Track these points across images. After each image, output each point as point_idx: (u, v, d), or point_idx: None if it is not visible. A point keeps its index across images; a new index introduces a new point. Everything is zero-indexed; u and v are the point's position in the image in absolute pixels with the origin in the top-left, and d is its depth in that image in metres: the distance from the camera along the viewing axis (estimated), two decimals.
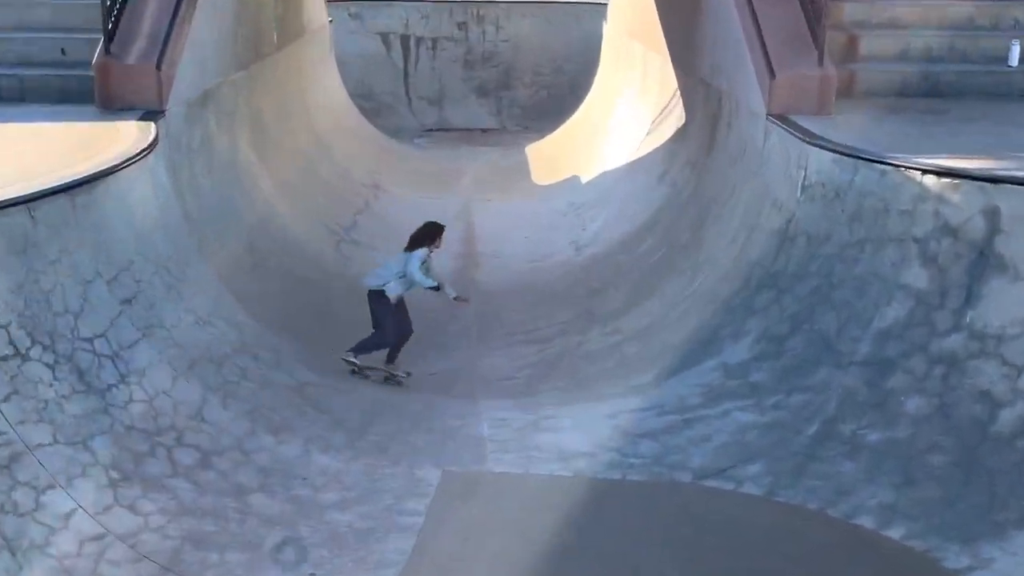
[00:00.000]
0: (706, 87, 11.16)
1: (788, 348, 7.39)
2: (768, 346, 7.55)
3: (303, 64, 15.32)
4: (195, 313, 7.73)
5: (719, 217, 9.71)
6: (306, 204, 12.24)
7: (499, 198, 15.45)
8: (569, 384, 8.62)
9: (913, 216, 6.94)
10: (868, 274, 7.11)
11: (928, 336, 6.66)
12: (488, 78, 23.09)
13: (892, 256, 7.00)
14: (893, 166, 7.18)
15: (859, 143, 7.76)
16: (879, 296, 6.97)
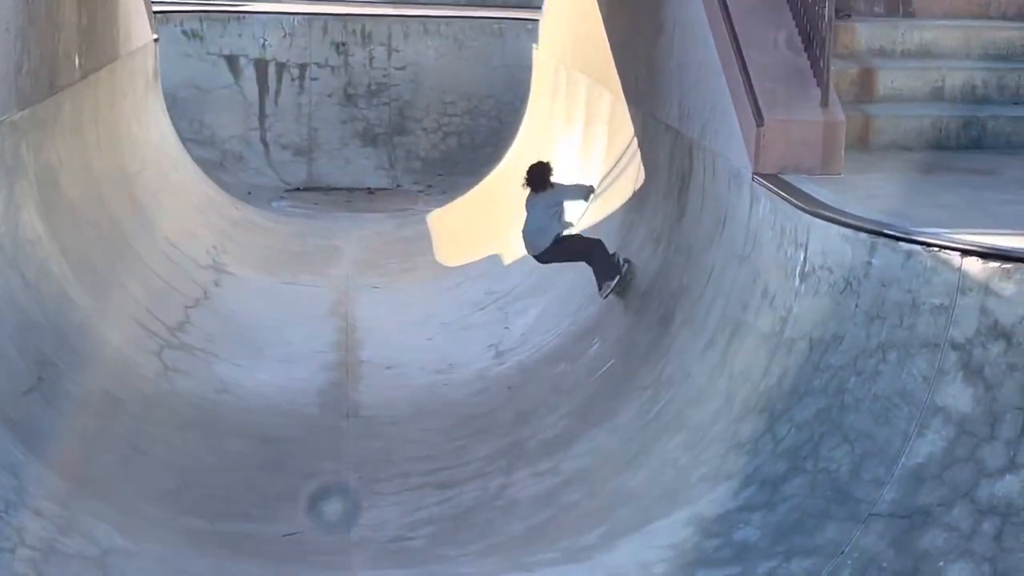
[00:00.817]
0: (673, 136, 11.38)
1: (786, 495, 7.43)
2: (758, 492, 7.58)
3: (116, 99, 15.31)
4: None
5: (691, 314, 9.81)
6: (116, 295, 12.12)
7: (391, 284, 15.49)
8: (486, 547, 8.56)
9: (951, 314, 7.08)
10: (893, 392, 7.21)
11: (975, 478, 6.75)
12: (377, 119, 23.28)
13: (924, 368, 7.12)
14: (924, 245, 7.34)
15: (877, 213, 7.94)
16: (908, 423, 7.06)
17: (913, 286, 7.28)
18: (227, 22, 23.39)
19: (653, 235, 11.69)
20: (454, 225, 18.21)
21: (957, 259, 7.12)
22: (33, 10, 11.34)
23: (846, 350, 7.58)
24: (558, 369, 11.51)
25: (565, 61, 17.30)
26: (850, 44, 10.72)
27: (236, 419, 10.98)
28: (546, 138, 17.90)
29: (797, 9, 9.68)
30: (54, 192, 11.75)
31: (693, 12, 10.64)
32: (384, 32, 23.64)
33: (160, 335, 12.10)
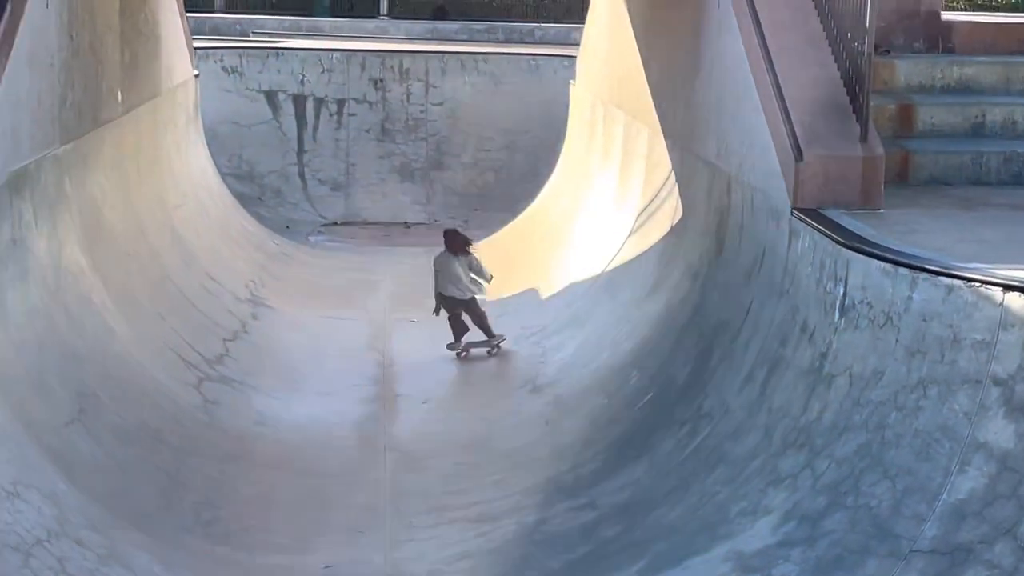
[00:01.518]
0: (711, 171, 11.40)
1: (825, 531, 7.40)
2: (798, 528, 7.55)
3: (158, 133, 15.46)
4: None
5: (729, 349, 9.80)
6: (156, 328, 12.20)
7: (427, 319, 15.51)
8: None
9: (993, 349, 7.05)
10: (934, 428, 7.18)
11: (1017, 515, 6.71)
12: (414, 155, 23.42)
13: (965, 404, 7.09)
14: (965, 280, 7.31)
15: (918, 248, 7.93)
16: (949, 459, 7.03)
17: (954, 321, 7.25)
18: (266, 58, 23.61)
19: (691, 270, 11.69)
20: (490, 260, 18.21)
21: (999, 294, 7.09)
22: (77, 45, 11.49)
23: (887, 385, 7.56)
24: (596, 403, 11.51)
25: (602, 97, 17.36)
26: (889, 80, 10.75)
27: (274, 452, 11.00)
28: (583, 174, 17.96)
29: (836, 45, 9.70)
30: (96, 225, 11.86)
31: (731, 48, 10.68)
32: (421, 68, 23.81)
33: (199, 368, 12.16)
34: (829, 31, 9.86)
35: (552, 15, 37.55)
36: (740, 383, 9.26)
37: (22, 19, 9.72)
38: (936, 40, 11.63)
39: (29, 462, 8.20)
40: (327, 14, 37.57)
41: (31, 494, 7.87)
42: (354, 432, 11.74)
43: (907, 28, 11.58)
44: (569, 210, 17.69)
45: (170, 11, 16.71)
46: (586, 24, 19.37)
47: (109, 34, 12.82)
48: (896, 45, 11.46)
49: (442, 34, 32.48)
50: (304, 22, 34.26)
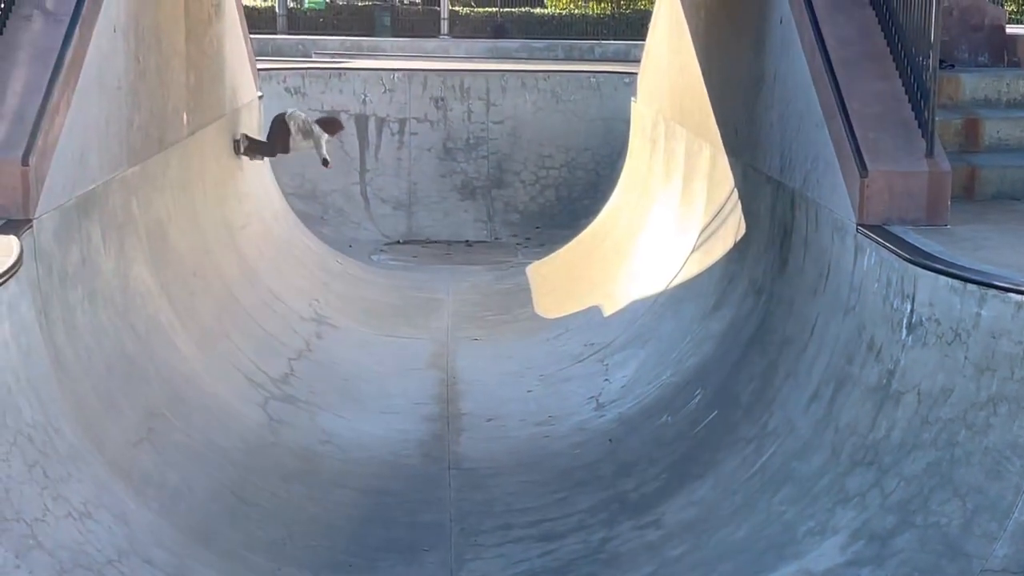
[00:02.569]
0: (774, 187, 11.36)
1: (895, 550, 7.34)
2: (867, 547, 7.50)
3: (222, 154, 15.60)
4: (68, 502, 7.68)
5: (794, 366, 9.75)
6: (222, 347, 12.29)
7: (490, 337, 15.55)
8: None
9: None
10: (1004, 446, 7.11)
11: None
12: (475, 173, 23.48)
13: None
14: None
15: (986, 264, 7.87)
16: (1021, 477, 6.95)
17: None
18: (328, 78, 23.76)
19: (755, 286, 11.65)
20: (553, 277, 18.26)
21: None
22: (144, 69, 11.62)
23: (956, 403, 7.49)
24: (660, 421, 11.48)
25: (663, 113, 17.34)
26: (954, 95, 10.68)
27: (338, 470, 11.05)
28: (645, 190, 17.94)
29: (900, 60, 9.65)
30: (163, 246, 11.98)
31: (794, 63, 10.65)
32: (482, 86, 23.87)
33: (265, 387, 12.23)
34: (893, 46, 9.81)
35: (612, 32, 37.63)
36: (806, 401, 9.21)
37: (90, 43, 9.86)
38: (1001, 54, 11.55)
39: (100, 482, 8.29)
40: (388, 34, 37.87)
41: (101, 514, 7.96)
42: (418, 450, 11.76)
43: (971, 41, 11.51)
44: (631, 227, 17.67)
45: (235, 33, 16.87)
46: (647, 41, 19.37)
47: (175, 57, 12.96)
48: (960, 59, 11.40)
49: (502, 52, 32.62)
50: (365, 42, 34.52)
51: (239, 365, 12.29)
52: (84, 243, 9.74)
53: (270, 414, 11.72)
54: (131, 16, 11.22)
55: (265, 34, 34.40)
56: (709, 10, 14.63)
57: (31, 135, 8.81)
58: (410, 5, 46.76)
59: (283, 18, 40.41)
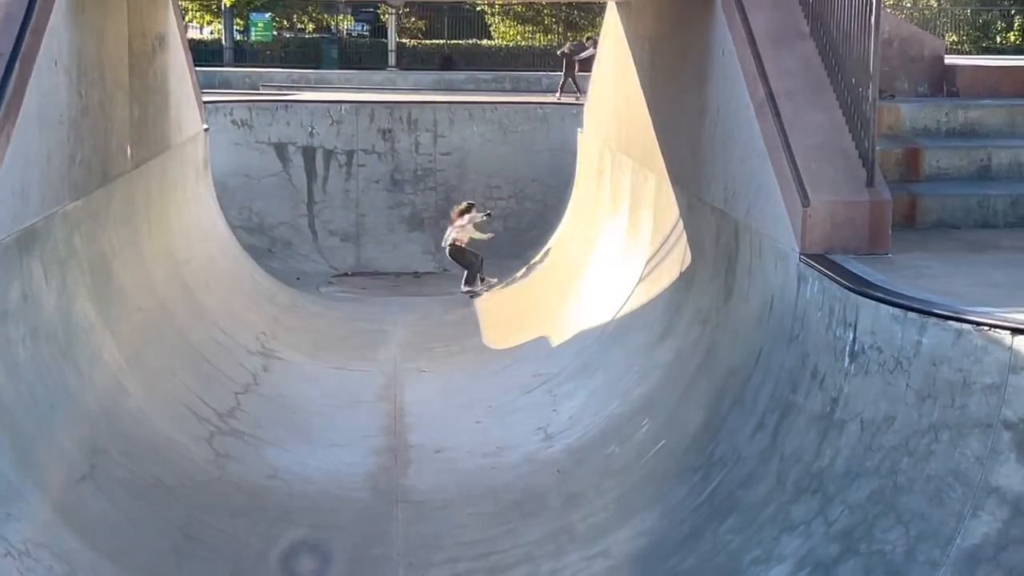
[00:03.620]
0: (719, 217, 11.40)
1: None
2: (812, 575, 7.50)
3: (167, 188, 15.51)
4: (6, 540, 7.58)
5: (740, 395, 9.77)
6: (167, 382, 12.19)
7: (438, 368, 15.50)
8: None
9: (1003, 393, 7.02)
10: (946, 472, 7.14)
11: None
12: (423, 204, 23.49)
13: (976, 448, 7.05)
14: (974, 324, 7.29)
15: (927, 292, 7.92)
16: (962, 504, 6.98)
17: (964, 365, 7.22)
18: (275, 111, 23.74)
19: (700, 316, 11.68)
20: (501, 308, 18.25)
21: (1008, 338, 7.06)
22: (86, 103, 11.55)
23: (898, 430, 7.52)
24: (608, 451, 11.46)
25: (610, 144, 17.41)
26: (895, 124, 10.78)
27: (286, 505, 10.95)
28: (591, 220, 17.99)
29: (841, 91, 9.73)
30: (106, 281, 11.88)
31: (737, 94, 10.71)
32: (430, 118, 23.92)
33: (211, 421, 12.13)
34: (834, 77, 9.90)
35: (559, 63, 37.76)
36: (752, 429, 9.22)
37: (31, 78, 9.79)
38: (940, 84, 11.67)
39: (41, 520, 8.18)
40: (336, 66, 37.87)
41: (42, 553, 7.85)
42: (366, 483, 11.69)
43: (911, 72, 11.63)
44: (579, 257, 17.70)
45: (179, 66, 16.80)
46: (592, 72, 19.45)
47: (119, 91, 12.89)
48: (901, 90, 11.51)
49: (450, 84, 32.70)
50: (313, 74, 34.51)
51: (184, 400, 12.19)
52: (25, 279, 9.64)
53: (216, 449, 11.62)
54: (73, 51, 11.15)
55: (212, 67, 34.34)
56: (653, 42, 14.72)
57: None
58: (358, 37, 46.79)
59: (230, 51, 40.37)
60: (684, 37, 12.96)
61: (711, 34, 11.67)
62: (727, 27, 11.02)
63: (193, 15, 42.47)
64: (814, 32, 10.35)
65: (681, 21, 13.05)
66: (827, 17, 10.10)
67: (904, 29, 12.26)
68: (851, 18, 9.48)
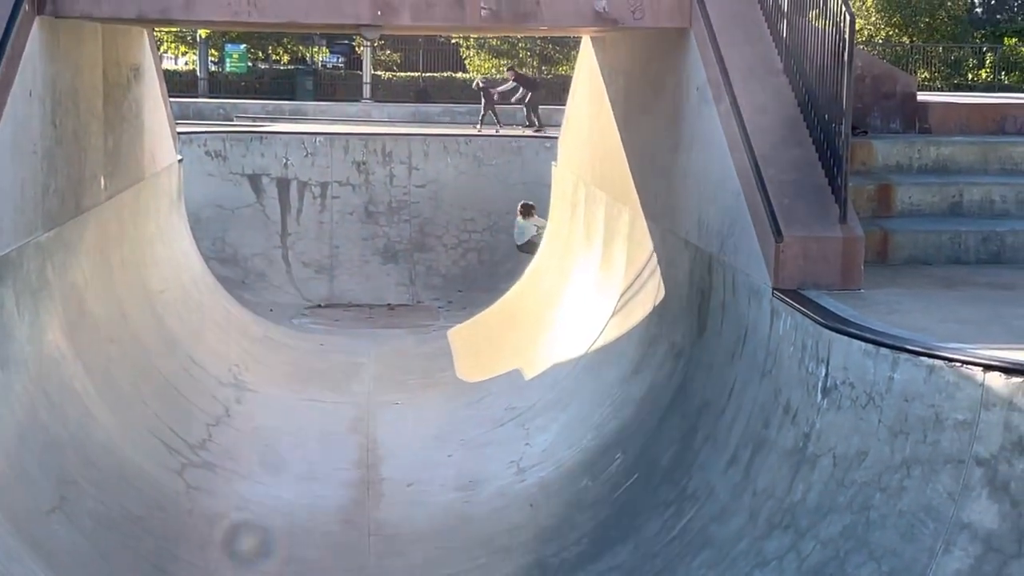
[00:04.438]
0: (692, 251, 11.44)
1: None
2: None
3: (141, 219, 15.47)
4: None
5: (713, 429, 9.79)
6: (139, 413, 12.14)
7: (411, 401, 15.47)
8: None
9: (975, 429, 7.05)
10: (918, 508, 7.16)
11: None
12: (397, 237, 23.49)
13: (948, 484, 7.08)
14: (945, 360, 7.32)
15: (898, 328, 7.95)
16: (934, 539, 7.00)
17: (936, 401, 7.25)
18: (250, 142, 23.75)
19: (674, 350, 11.70)
20: (474, 341, 18.24)
21: (980, 374, 7.10)
22: (60, 133, 11.53)
23: (870, 466, 7.55)
24: (580, 485, 11.46)
25: (584, 178, 17.45)
26: (867, 160, 10.84)
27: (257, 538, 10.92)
28: (566, 254, 18.01)
29: (814, 126, 9.79)
30: (79, 311, 11.83)
31: (710, 129, 10.76)
32: (404, 150, 23.96)
33: (182, 453, 12.08)
34: (806, 113, 9.96)
35: None
36: (725, 464, 9.23)
37: (5, 107, 9.77)
38: (912, 121, 11.76)
39: (8, 551, 8.13)
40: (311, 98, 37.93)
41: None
42: (338, 516, 11.65)
43: (884, 109, 11.71)
44: (552, 291, 17.71)
45: (154, 96, 16.79)
46: (567, 106, 19.51)
47: (93, 121, 12.87)
48: (873, 126, 11.58)
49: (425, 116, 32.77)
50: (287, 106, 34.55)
51: (156, 431, 12.14)
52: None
53: (188, 481, 11.57)
54: (48, 80, 11.14)
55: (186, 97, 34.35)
56: (628, 76, 14.78)
57: None
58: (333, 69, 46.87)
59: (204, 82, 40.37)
60: (658, 72, 13.03)
61: (685, 69, 11.73)
62: (701, 62, 11.09)
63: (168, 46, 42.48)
64: (787, 68, 10.42)
65: (655, 56, 13.12)
66: (800, 53, 10.17)
67: (876, 66, 12.35)
68: (824, 54, 9.55)
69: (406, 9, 11.47)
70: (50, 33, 11.14)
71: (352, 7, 11.43)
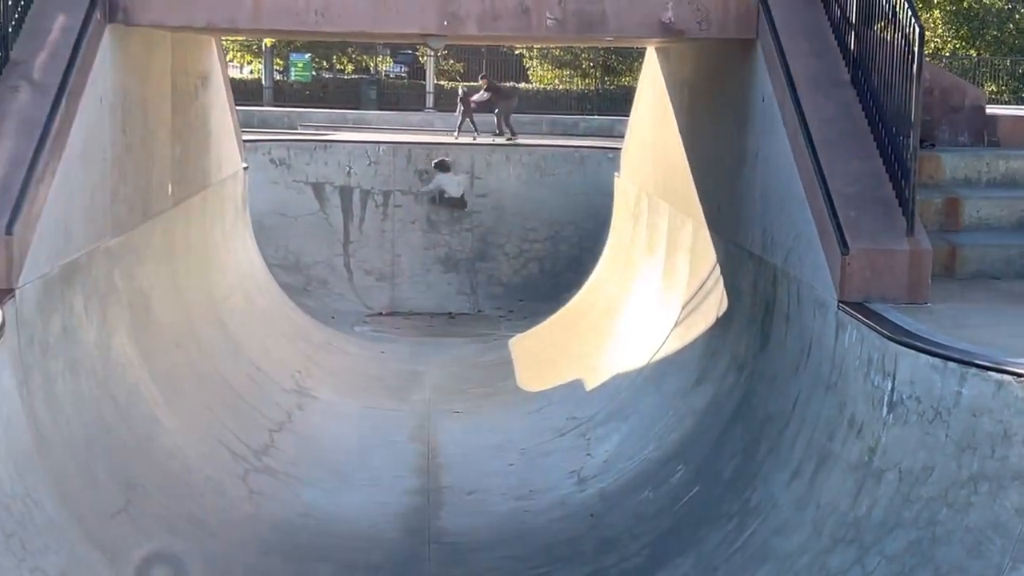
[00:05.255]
0: (756, 263, 11.40)
1: None
2: None
3: (206, 225, 15.61)
4: (44, 573, 7.61)
5: (776, 442, 9.74)
6: (203, 419, 12.23)
7: (472, 409, 15.50)
8: None
9: None
10: (986, 525, 7.09)
11: None
12: (459, 246, 23.53)
13: (1016, 500, 7.00)
14: (1015, 375, 7.25)
15: (967, 342, 7.88)
16: (1002, 556, 6.93)
17: (1005, 416, 7.18)
18: (313, 150, 23.88)
19: (736, 362, 11.65)
20: (535, 350, 18.25)
21: None
22: (129, 140, 11.66)
23: (937, 481, 7.48)
24: (641, 496, 11.43)
25: (647, 189, 17.43)
26: (935, 174, 10.76)
27: (319, 544, 10.97)
28: (627, 264, 17.99)
29: (881, 139, 9.73)
30: (145, 317, 11.95)
31: (776, 142, 10.73)
32: (467, 160, 24.01)
33: (245, 459, 12.17)
34: (874, 125, 9.90)
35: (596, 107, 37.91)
36: (788, 477, 9.18)
37: (77, 115, 9.90)
38: (981, 133, 11.65)
39: (76, 554, 8.22)
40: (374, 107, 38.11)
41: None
42: (399, 524, 11.69)
43: (952, 122, 11.61)
44: (614, 301, 17.70)
45: (220, 104, 16.95)
46: (631, 117, 19.51)
47: (161, 128, 13.02)
48: (941, 139, 11.49)
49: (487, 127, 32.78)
50: (351, 115, 34.72)
51: (219, 437, 12.23)
52: (66, 313, 9.71)
53: (250, 486, 11.64)
54: (118, 88, 11.27)
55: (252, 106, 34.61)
56: (692, 88, 14.76)
57: (15, 205, 8.82)
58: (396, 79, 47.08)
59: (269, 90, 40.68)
60: (724, 83, 13.00)
61: (751, 80, 11.70)
62: (767, 73, 11.05)
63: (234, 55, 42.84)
64: (855, 80, 10.36)
65: (721, 67, 13.09)
66: (868, 65, 10.11)
67: (945, 78, 12.25)
68: (892, 66, 9.49)
69: (472, 19, 11.51)
70: (121, 41, 11.28)
71: (419, 17, 11.49)
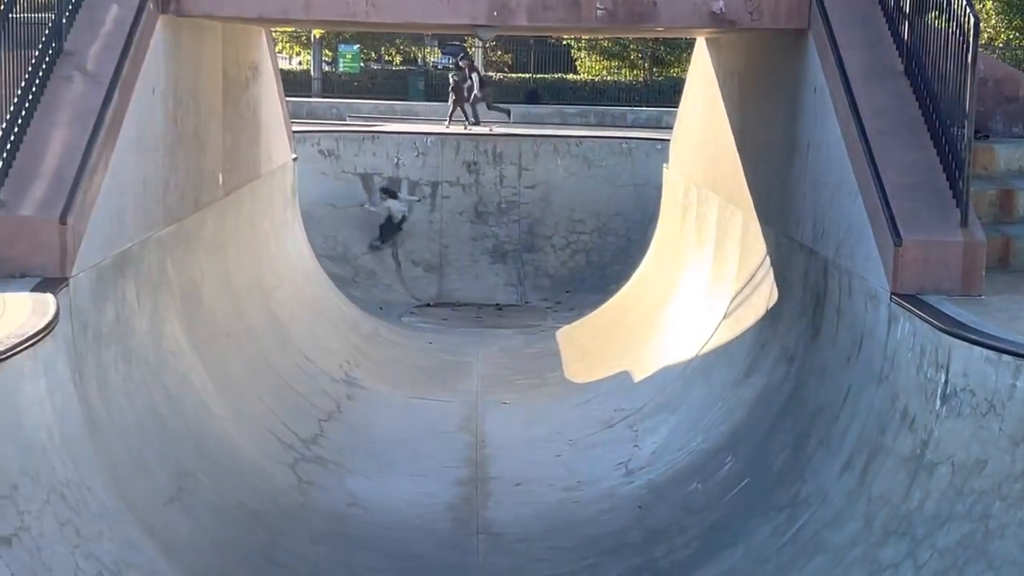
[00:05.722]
0: (807, 255, 11.34)
1: None
2: None
3: (257, 216, 15.69)
4: (99, 561, 7.66)
5: (827, 435, 9.69)
6: (253, 407, 12.30)
7: (519, 400, 15.51)
8: None
9: None
10: None
11: None
12: (506, 237, 23.53)
13: None
14: None
15: (1021, 335, 7.81)
16: None
17: None
18: (362, 141, 23.94)
19: (787, 354, 11.60)
20: (583, 341, 18.23)
21: None
22: (181, 130, 11.73)
23: (990, 475, 7.42)
24: (690, 488, 11.40)
25: (696, 180, 17.37)
26: (989, 165, 10.66)
27: (367, 533, 11.01)
28: (676, 255, 17.94)
29: (935, 130, 9.66)
30: (196, 306, 12.03)
31: (828, 133, 10.66)
32: (515, 151, 23.98)
33: (295, 448, 12.22)
34: (927, 116, 9.82)
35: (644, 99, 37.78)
36: (839, 470, 9.14)
37: (129, 105, 9.97)
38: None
39: (130, 541, 8.28)
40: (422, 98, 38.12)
41: (131, 573, 7.93)
42: (447, 514, 11.71)
43: (1006, 112, 11.50)
44: (662, 293, 17.65)
45: (271, 96, 17.03)
46: (679, 108, 19.44)
47: (212, 119, 13.08)
48: (995, 130, 11.38)
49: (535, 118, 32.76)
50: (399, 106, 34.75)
51: (270, 426, 12.29)
52: (119, 302, 9.79)
53: (300, 475, 11.70)
54: (170, 79, 11.34)
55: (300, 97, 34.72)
56: (742, 78, 14.69)
57: (69, 195, 8.90)
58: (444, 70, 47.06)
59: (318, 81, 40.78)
60: (775, 74, 12.93)
61: (803, 71, 11.63)
62: (820, 64, 10.98)
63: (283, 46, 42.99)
64: (908, 70, 10.28)
65: (772, 58, 13.02)
66: (922, 55, 10.03)
67: (999, 69, 12.14)
68: (946, 57, 9.42)
69: (522, 10, 11.51)
70: (173, 32, 11.35)
71: (469, 7, 11.49)
